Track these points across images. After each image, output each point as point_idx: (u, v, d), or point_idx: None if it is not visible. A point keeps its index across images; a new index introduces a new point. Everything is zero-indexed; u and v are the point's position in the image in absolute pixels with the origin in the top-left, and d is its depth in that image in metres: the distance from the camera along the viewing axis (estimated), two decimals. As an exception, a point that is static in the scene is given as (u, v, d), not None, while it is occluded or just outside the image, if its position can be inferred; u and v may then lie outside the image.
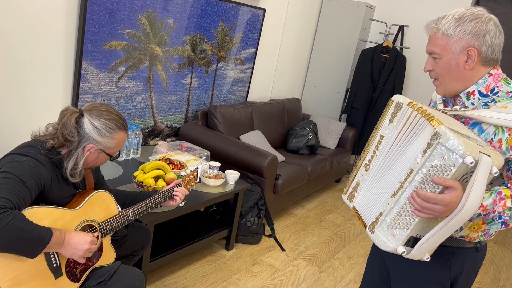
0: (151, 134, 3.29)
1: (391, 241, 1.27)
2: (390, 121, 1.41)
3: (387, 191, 1.33)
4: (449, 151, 1.15)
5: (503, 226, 1.23)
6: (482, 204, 1.19)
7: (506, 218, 1.20)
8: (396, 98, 1.42)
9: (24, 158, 1.43)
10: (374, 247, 1.66)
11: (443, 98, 1.45)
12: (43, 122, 2.57)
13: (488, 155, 1.14)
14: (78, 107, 1.60)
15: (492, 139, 1.27)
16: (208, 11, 3.34)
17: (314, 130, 4.19)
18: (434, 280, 1.41)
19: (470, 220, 1.32)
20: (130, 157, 2.89)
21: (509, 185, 1.22)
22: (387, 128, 1.41)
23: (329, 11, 4.81)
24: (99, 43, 2.64)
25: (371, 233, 1.34)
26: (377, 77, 4.56)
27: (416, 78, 4.91)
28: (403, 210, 1.26)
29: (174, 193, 1.87)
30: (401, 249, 1.24)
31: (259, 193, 3.07)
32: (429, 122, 1.23)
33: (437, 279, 1.40)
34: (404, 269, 1.47)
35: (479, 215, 1.22)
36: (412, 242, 1.25)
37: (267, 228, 3.41)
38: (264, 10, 3.89)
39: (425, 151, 1.21)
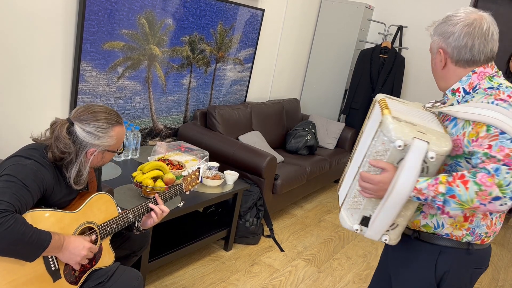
0: (150, 134, 3.29)
1: (350, 219, 1.40)
2: (368, 117, 1.55)
3: (352, 176, 1.45)
4: (385, 137, 1.26)
5: (439, 211, 1.25)
6: (416, 187, 1.23)
7: (439, 203, 1.22)
8: (376, 96, 1.54)
9: (28, 162, 1.43)
10: (384, 251, 1.67)
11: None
12: (42, 123, 2.56)
13: (427, 141, 1.21)
14: (66, 118, 1.57)
15: (460, 132, 1.32)
16: (207, 12, 3.34)
17: (313, 130, 4.19)
18: (422, 278, 1.44)
19: (450, 217, 1.35)
20: (129, 157, 2.89)
21: (454, 173, 1.23)
22: (365, 124, 1.56)
23: (328, 11, 4.81)
24: (98, 43, 2.64)
25: (339, 213, 1.46)
26: (375, 77, 4.56)
27: (414, 79, 4.91)
28: (357, 191, 1.39)
29: (150, 206, 1.76)
30: (355, 227, 1.38)
31: (258, 193, 3.07)
32: (381, 110, 1.36)
33: (424, 277, 1.43)
34: (399, 269, 1.51)
35: (418, 199, 1.25)
36: (366, 221, 1.37)
37: (266, 228, 3.41)
38: (263, 10, 3.89)
39: (373, 138, 1.34)
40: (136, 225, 1.80)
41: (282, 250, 3.15)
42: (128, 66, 2.89)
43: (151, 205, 1.75)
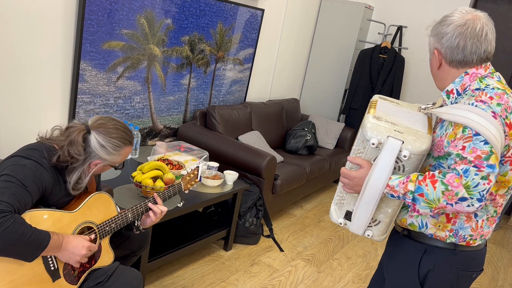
0: (150, 134, 3.29)
1: (337, 213, 1.47)
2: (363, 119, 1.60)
3: None
4: (363, 136, 1.32)
5: (410, 209, 1.27)
6: (388, 184, 1.26)
7: (408, 201, 1.25)
8: (373, 97, 1.56)
9: (27, 162, 1.43)
10: (385, 252, 1.68)
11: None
12: (41, 122, 2.56)
13: (401, 140, 1.25)
14: (84, 123, 1.57)
15: (443, 134, 1.34)
16: (207, 12, 3.34)
17: (312, 130, 4.19)
18: (406, 275, 1.46)
19: (433, 217, 1.37)
20: (129, 157, 2.89)
21: (426, 173, 1.25)
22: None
23: (328, 11, 4.81)
24: (97, 43, 2.63)
25: (330, 208, 1.51)
26: (375, 77, 4.56)
27: (414, 79, 4.91)
28: (341, 187, 1.45)
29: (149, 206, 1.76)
30: (340, 220, 1.44)
31: (258, 193, 3.07)
32: (368, 111, 1.42)
33: (408, 274, 1.45)
34: (388, 264, 1.55)
35: (392, 196, 1.28)
36: (349, 216, 1.43)
37: (265, 228, 3.41)
38: (263, 10, 3.89)
39: (357, 138, 1.39)
40: (136, 224, 1.80)
41: (281, 250, 3.15)
42: (127, 66, 2.89)
43: (150, 204, 1.75)
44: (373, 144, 1.27)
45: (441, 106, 1.43)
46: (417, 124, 1.40)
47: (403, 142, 1.25)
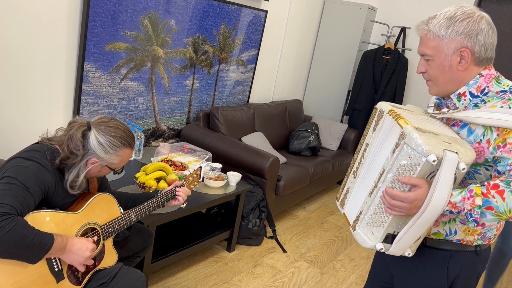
0: (153, 135, 3.29)
1: (370, 238, 1.31)
2: (374, 129, 1.43)
3: (366, 191, 1.36)
4: (414, 151, 1.18)
5: (475, 224, 1.21)
6: (450, 201, 1.19)
7: (476, 216, 1.19)
8: (379, 105, 1.44)
9: (29, 163, 1.43)
10: (393, 267, 1.64)
11: (437, 100, 1.46)
12: (45, 124, 2.57)
13: (455, 152, 1.15)
14: (86, 120, 1.59)
15: (481, 140, 1.26)
16: (210, 13, 3.34)
17: (315, 131, 4.19)
18: (431, 283, 1.40)
19: (463, 223, 1.32)
20: (132, 158, 2.90)
21: (485, 183, 1.20)
22: (371, 136, 1.44)
23: (331, 12, 4.81)
24: (101, 44, 2.64)
25: (353, 231, 1.37)
26: (378, 78, 4.56)
27: (417, 80, 4.90)
28: (379, 208, 1.29)
29: (176, 193, 1.86)
30: (379, 246, 1.28)
31: (261, 194, 3.07)
32: (397, 121, 1.26)
33: (434, 282, 1.40)
34: (405, 272, 1.47)
35: (451, 212, 1.21)
36: (390, 239, 1.29)
37: (268, 229, 3.41)
38: (266, 11, 3.90)
39: (394, 151, 1.24)
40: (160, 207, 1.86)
41: (284, 251, 3.15)
42: (131, 67, 2.90)
43: (178, 189, 1.85)
44: (434, 161, 1.14)
45: (455, 109, 1.34)
46: (446, 130, 1.28)
47: (457, 154, 1.15)
